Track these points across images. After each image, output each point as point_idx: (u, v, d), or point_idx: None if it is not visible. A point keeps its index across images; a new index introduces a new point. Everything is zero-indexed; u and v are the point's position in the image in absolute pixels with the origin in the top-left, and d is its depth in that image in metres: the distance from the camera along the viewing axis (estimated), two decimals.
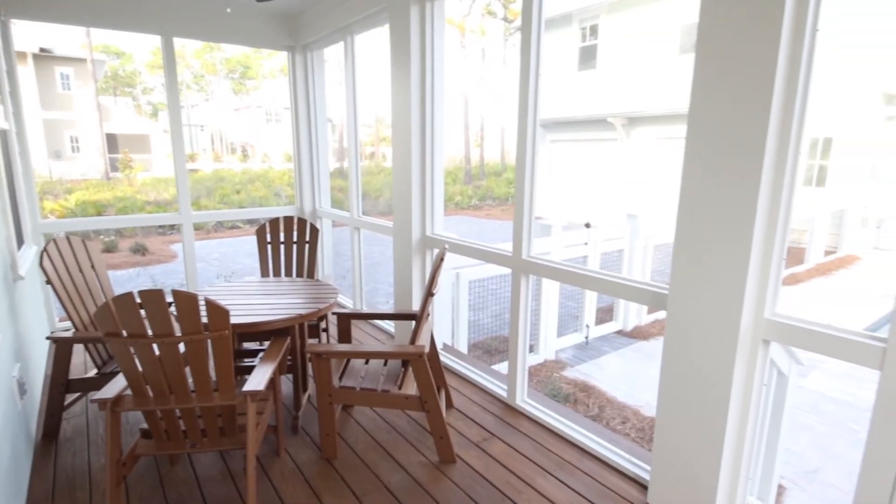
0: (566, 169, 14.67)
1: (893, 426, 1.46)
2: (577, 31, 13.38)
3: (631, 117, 11.90)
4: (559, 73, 14.03)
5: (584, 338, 5.60)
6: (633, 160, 12.14)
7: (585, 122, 13.46)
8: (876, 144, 11.16)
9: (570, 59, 13.68)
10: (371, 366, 2.63)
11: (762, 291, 1.73)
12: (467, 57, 23.89)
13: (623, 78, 11.72)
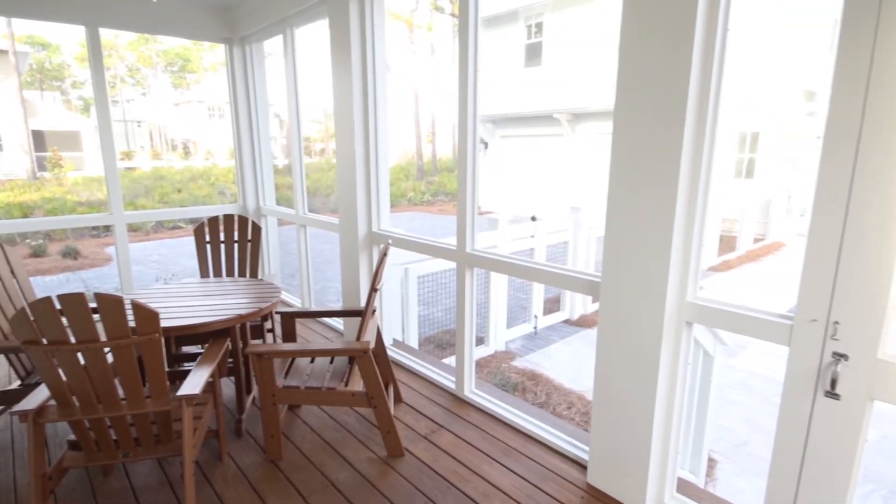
0: (516, 164, 14.92)
1: (801, 395, 1.59)
2: (522, 28, 13.61)
3: (575, 113, 12.25)
4: (507, 70, 14.23)
5: (532, 328, 5.74)
6: (577, 155, 12.50)
7: (533, 118, 13.74)
8: (798, 138, 12.00)
9: (517, 56, 13.90)
10: (317, 364, 2.60)
11: (684, 277, 1.84)
12: (416, 53, 23.81)
13: (568, 75, 12.03)
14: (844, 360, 1.49)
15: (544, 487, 2.19)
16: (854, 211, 1.41)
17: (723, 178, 11.29)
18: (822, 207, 1.47)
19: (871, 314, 1.42)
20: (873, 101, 1.35)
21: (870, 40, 1.33)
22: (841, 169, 1.42)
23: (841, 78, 1.39)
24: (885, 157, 1.34)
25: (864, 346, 1.45)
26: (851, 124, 1.39)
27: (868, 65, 1.34)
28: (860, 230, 1.40)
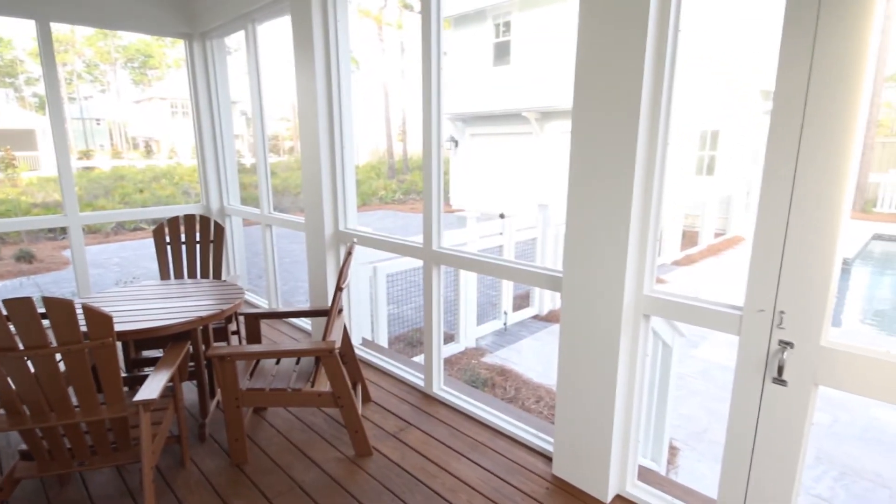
0: (486, 162, 15.00)
1: (751, 382, 1.66)
2: (491, 27, 13.68)
3: (544, 112, 12.39)
4: (476, 68, 14.29)
5: (502, 324, 5.79)
6: (545, 153, 12.66)
7: (503, 117, 13.84)
8: (756, 136, 12.45)
9: (486, 55, 13.97)
10: (282, 365, 2.57)
11: (641, 271, 1.89)
12: (386, 50, 23.65)
13: (536, 73, 12.16)
14: (790, 348, 1.56)
15: (510, 480, 2.22)
16: (796, 206, 1.48)
17: (684, 175, 11.63)
18: (768, 203, 1.53)
19: (813, 304, 1.49)
20: (813, 103, 1.41)
21: (809, 42, 1.40)
22: (784, 166, 1.48)
23: (784, 80, 1.45)
24: (825, 157, 1.41)
25: (807, 334, 1.52)
26: (793, 124, 1.45)
27: (808, 68, 1.41)
28: (802, 225, 1.47)
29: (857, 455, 3.49)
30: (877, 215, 13.72)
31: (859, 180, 7.41)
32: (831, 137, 1.39)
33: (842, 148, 1.38)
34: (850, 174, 1.39)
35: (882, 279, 9.85)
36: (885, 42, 13.77)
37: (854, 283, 9.36)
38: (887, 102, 25.67)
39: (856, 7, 1.32)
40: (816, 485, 3.20)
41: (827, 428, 3.82)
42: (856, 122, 1.36)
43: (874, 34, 1.31)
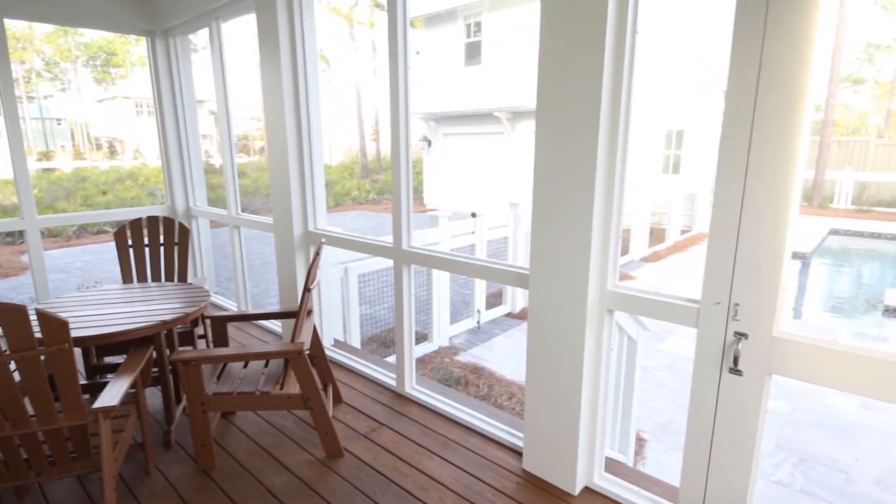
0: (459, 161, 15.05)
1: (709, 373, 1.71)
2: (462, 27, 13.73)
3: (515, 111, 12.51)
4: (448, 68, 14.32)
5: (476, 323, 5.82)
6: (517, 152, 12.78)
7: (475, 116, 13.91)
8: (718, 135, 12.81)
9: (458, 55, 14.02)
10: (250, 368, 2.53)
11: (604, 267, 1.93)
12: (357, 49, 23.47)
13: (507, 73, 12.26)
14: (745, 339, 1.61)
15: (482, 476, 2.24)
16: (748, 203, 1.53)
17: (651, 174, 11.91)
18: (722, 201, 1.59)
19: (765, 296, 1.55)
20: (762, 105, 1.47)
21: (758, 49, 1.45)
22: (735, 165, 1.54)
23: (734, 84, 1.51)
24: (774, 155, 1.47)
25: (761, 325, 1.58)
26: (744, 124, 1.51)
27: (756, 71, 1.46)
28: (754, 221, 1.53)
29: (815, 441, 3.64)
30: (833, 211, 14.30)
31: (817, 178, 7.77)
32: (779, 137, 1.45)
33: (789, 147, 1.44)
34: (797, 172, 1.45)
35: (840, 272, 10.27)
36: (840, 44, 14.28)
37: (813, 277, 9.74)
38: (843, 103, 26.74)
39: (800, 14, 1.38)
40: (777, 471, 3.32)
41: (787, 416, 3.97)
42: (802, 122, 1.42)
43: (818, 41, 1.37)
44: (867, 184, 14.79)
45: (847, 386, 1.48)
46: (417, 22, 15.01)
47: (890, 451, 3.51)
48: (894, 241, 11.54)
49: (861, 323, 6.87)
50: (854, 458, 3.43)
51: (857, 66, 24.98)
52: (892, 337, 5.84)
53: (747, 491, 1.70)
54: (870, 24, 26.02)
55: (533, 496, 2.11)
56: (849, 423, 3.85)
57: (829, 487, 3.15)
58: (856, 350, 1.44)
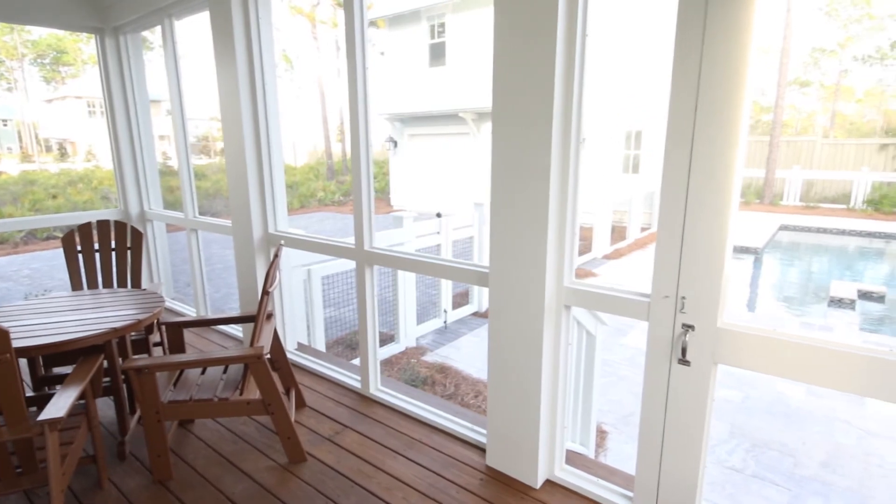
0: (425, 162, 15.06)
1: (660, 364, 1.78)
2: (426, 28, 13.74)
3: (480, 112, 12.61)
4: (413, 69, 14.30)
5: (443, 322, 5.84)
6: (482, 153, 12.89)
7: (441, 117, 13.94)
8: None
9: (422, 56, 14.02)
10: (208, 375, 2.47)
11: (561, 264, 1.98)
12: (321, 49, 23.15)
13: (471, 74, 12.35)
14: (692, 331, 1.68)
15: (446, 474, 2.25)
16: (692, 201, 1.60)
17: (612, 173, 12.22)
18: (668, 198, 1.65)
19: (709, 289, 1.62)
20: (702, 110, 1.54)
21: (697, 50, 1.52)
22: (680, 165, 1.60)
23: (677, 87, 1.57)
24: (714, 155, 1.54)
25: (706, 316, 1.65)
26: (686, 128, 1.57)
27: (696, 75, 1.53)
28: (697, 218, 1.60)
29: (766, 428, 3.82)
30: (783, 207, 14.99)
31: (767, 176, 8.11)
32: (718, 139, 1.52)
33: (728, 148, 1.51)
34: (736, 172, 1.52)
35: (790, 266, 10.77)
36: (787, 49, 14.93)
37: (766, 271, 10.18)
38: (792, 105, 27.92)
39: (736, 20, 1.45)
40: (730, 457, 3.47)
41: (739, 404, 4.15)
42: (739, 125, 1.49)
43: (752, 49, 1.44)
44: (814, 181, 15.57)
45: (786, 373, 1.56)
46: (381, 22, 14.94)
47: (834, 435, 3.72)
48: (839, 236, 12.19)
49: (809, 313, 7.23)
50: (801, 442, 3.62)
51: (804, 70, 26.26)
52: (836, 326, 6.17)
53: (698, 475, 1.77)
54: (815, 29, 27.37)
55: (496, 491, 2.14)
56: (797, 409, 4.05)
57: (779, 471, 3.31)
58: (793, 339, 1.53)
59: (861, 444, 3.60)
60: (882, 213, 13.95)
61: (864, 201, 14.53)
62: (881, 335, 6.25)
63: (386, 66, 14.88)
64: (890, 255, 11.13)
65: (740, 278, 9.57)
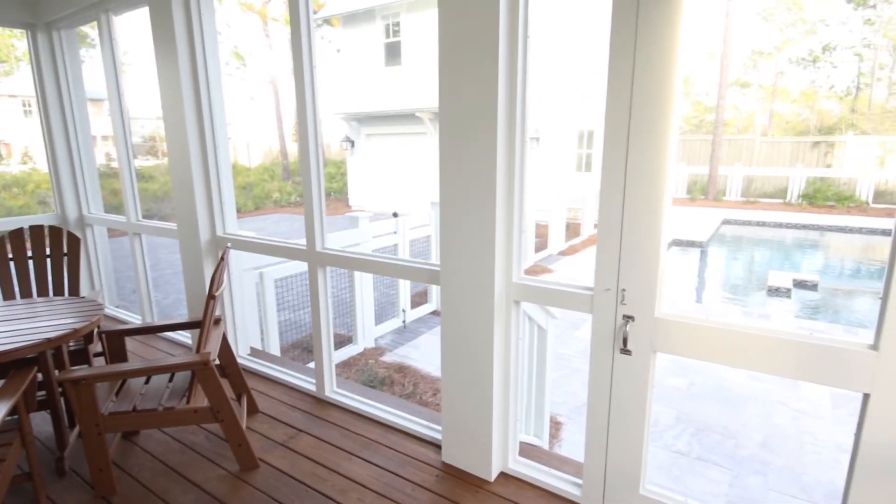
0: (383, 161, 14.97)
1: (604, 354, 1.84)
2: (381, 27, 13.66)
3: (437, 112, 12.62)
4: (369, 68, 14.18)
5: (401, 322, 5.84)
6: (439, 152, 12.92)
7: (397, 117, 13.89)
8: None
9: (378, 55, 13.93)
10: (153, 384, 2.39)
11: (509, 261, 2.02)
12: (274, 47, 22.60)
13: (428, 74, 12.37)
14: (632, 321, 1.76)
15: (402, 473, 2.26)
16: (629, 197, 1.67)
17: (566, 171, 12.51)
18: (607, 195, 1.72)
19: (647, 281, 1.70)
20: (636, 109, 1.61)
21: (630, 54, 1.59)
22: (617, 163, 1.67)
23: (611, 92, 1.64)
24: (646, 155, 1.61)
25: (644, 308, 1.73)
26: (621, 127, 1.64)
27: (630, 79, 1.60)
28: (633, 213, 1.67)
29: (710, 412, 4.02)
30: (726, 203, 15.77)
31: (711, 173, 8.48)
32: (651, 138, 1.59)
33: (660, 147, 1.59)
34: (668, 169, 1.60)
35: (733, 258, 11.33)
36: (727, 51, 15.67)
37: (711, 263, 10.68)
38: (734, 105, 29.33)
39: (665, 26, 1.52)
40: (677, 442, 3.63)
41: (685, 391, 4.34)
42: (670, 123, 1.57)
43: (681, 51, 1.52)
44: (754, 177, 16.45)
45: (717, 358, 1.65)
46: (335, 21, 14.74)
47: (772, 417, 3.95)
48: (776, 228, 12.93)
49: (750, 302, 7.64)
50: (742, 424, 3.83)
51: (745, 71, 27.67)
52: (774, 314, 6.55)
53: (641, 458, 1.85)
54: (753, 33, 28.86)
55: (451, 486, 2.17)
56: (738, 393, 4.28)
57: (722, 453, 3.49)
58: (721, 326, 1.62)
59: (795, 424, 3.84)
60: (815, 206, 14.89)
61: (799, 196, 15.47)
62: (814, 321, 6.68)
63: (341, 65, 14.70)
64: (823, 246, 11.90)
65: (688, 271, 10.00)
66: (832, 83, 26.66)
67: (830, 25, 25.63)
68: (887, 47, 22.66)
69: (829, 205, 14.81)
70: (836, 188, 15.34)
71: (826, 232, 12.56)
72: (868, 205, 14.28)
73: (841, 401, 4.13)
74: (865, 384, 1.45)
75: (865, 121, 23.28)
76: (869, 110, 23.39)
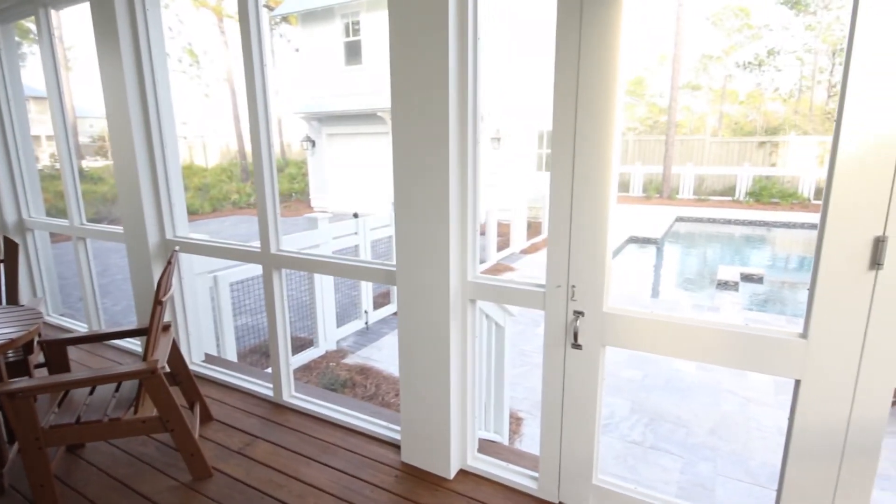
0: (345, 161, 14.81)
1: (556, 349, 1.89)
2: (340, 26, 13.50)
3: None
4: (329, 67, 13.99)
5: (364, 323, 5.80)
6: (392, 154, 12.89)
7: (358, 116, 13.77)
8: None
9: (338, 54, 13.76)
10: (98, 394, 2.29)
11: (464, 260, 2.04)
12: (229, 44, 21.97)
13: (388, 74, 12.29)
14: (582, 316, 1.81)
15: (361, 475, 2.25)
16: (576, 197, 1.72)
17: (527, 171, 12.72)
18: (556, 195, 1.76)
19: (595, 277, 1.75)
20: (581, 111, 1.65)
21: (574, 61, 1.63)
22: (564, 163, 1.71)
23: (558, 97, 1.68)
24: (591, 156, 1.66)
25: (593, 303, 1.78)
26: (568, 129, 1.68)
27: (575, 85, 1.64)
28: (581, 212, 1.72)
29: (663, 402, 4.17)
30: (679, 201, 16.37)
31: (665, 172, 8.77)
32: (595, 139, 1.64)
33: (604, 148, 1.64)
34: (612, 169, 1.65)
35: (687, 254, 11.77)
36: (678, 55, 16.24)
37: (666, 259, 11.06)
38: (686, 106, 30.40)
39: (607, 31, 1.57)
40: (631, 432, 3.75)
41: (640, 382, 4.49)
42: (613, 125, 1.62)
43: (622, 59, 1.57)
44: (705, 176, 17.15)
45: (661, 350, 1.72)
46: (293, 18, 14.47)
47: (720, 405, 4.13)
48: (726, 225, 13.51)
49: (702, 296, 7.96)
50: (693, 413, 3.99)
51: (696, 75, 28.81)
52: (722, 306, 6.85)
53: (593, 449, 1.91)
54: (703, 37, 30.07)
55: (411, 486, 2.17)
56: (690, 383, 4.46)
57: (674, 441, 3.63)
58: (664, 319, 1.69)
59: (743, 411, 4.03)
60: (762, 203, 15.65)
61: (746, 193, 16.23)
62: (761, 312, 7.02)
63: (301, 64, 14.44)
64: (770, 240, 12.52)
65: (646, 267, 10.33)
66: (777, 86, 28.12)
67: (774, 31, 27.01)
68: (826, 52, 24.04)
69: (774, 202, 15.61)
70: (781, 186, 16.18)
71: (772, 228, 13.22)
72: (810, 201, 15.12)
73: (784, 387, 4.36)
74: (797, 371, 1.53)
75: (807, 121, 24.63)
76: (810, 112, 24.77)
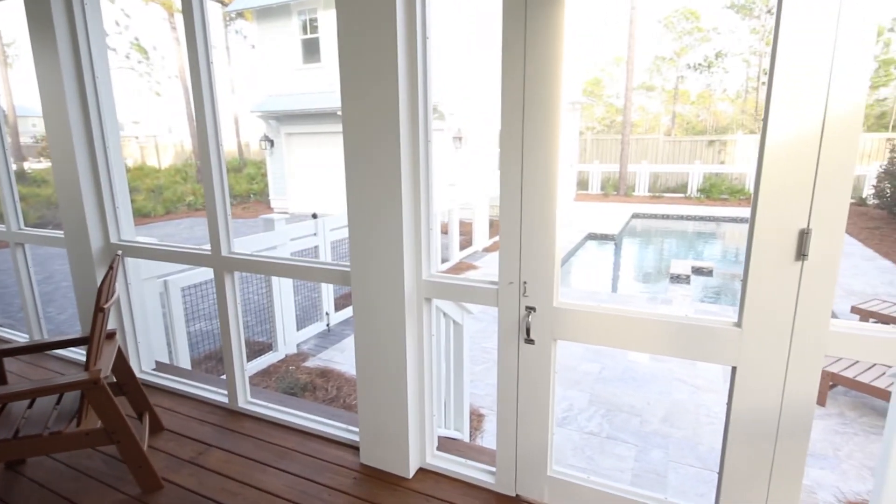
0: (305, 161, 14.55)
1: (510, 344, 1.92)
2: (297, 23, 13.25)
3: None
4: (286, 65, 13.71)
5: (325, 325, 5.72)
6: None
7: (319, 116, 13.55)
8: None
9: (295, 52, 13.50)
10: (38, 407, 2.18)
11: (418, 259, 2.04)
12: (181, 40, 21.18)
13: None
14: (534, 312, 1.84)
15: (319, 479, 2.22)
16: (525, 197, 1.75)
17: (489, 170, 12.84)
18: (506, 194, 1.79)
19: (545, 273, 1.79)
20: (528, 116, 1.69)
21: (520, 68, 1.66)
22: (514, 163, 1.75)
23: (505, 98, 1.71)
24: (538, 157, 1.69)
25: (544, 298, 1.82)
26: (516, 128, 1.72)
27: (521, 87, 1.67)
28: (530, 211, 1.75)
29: (619, 393, 4.30)
30: (635, 198, 16.90)
31: (621, 171, 9.05)
32: (542, 138, 1.68)
33: (550, 147, 1.68)
34: (558, 167, 1.69)
35: (644, 249, 12.15)
36: (632, 57, 16.72)
37: (624, 254, 11.39)
38: (641, 106, 31.32)
39: (550, 34, 1.61)
40: (589, 423, 3.85)
41: (597, 375, 4.61)
42: (558, 127, 1.66)
43: (565, 59, 1.61)
44: (659, 174, 17.76)
45: (608, 342, 1.78)
46: (248, 14, 14.11)
47: (672, 394, 4.29)
48: (679, 221, 14.03)
49: (656, 289, 8.24)
50: (646, 402, 4.13)
51: (649, 76, 29.80)
52: (675, 299, 7.11)
53: (548, 442, 1.95)
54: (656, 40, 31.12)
55: (370, 487, 2.16)
56: (643, 374, 4.61)
57: (629, 430, 3.75)
58: (611, 312, 1.74)
59: (693, 399, 4.20)
60: (712, 199, 16.33)
61: (698, 190, 16.89)
62: (711, 304, 7.33)
63: (257, 61, 14.09)
64: (720, 235, 13.07)
65: (604, 263, 10.60)
66: (725, 87, 29.43)
67: (722, 34, 28.23)
68: (770, 54, 25.29)
69: (723, 198, 16.31)
70: (729, 183, 16.93)
71: (721, 223, 13.81)
72: None
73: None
74: (733, 358, 1.61)
75: (753, 121, 25.84)
76: (755, 111, 26.02)
